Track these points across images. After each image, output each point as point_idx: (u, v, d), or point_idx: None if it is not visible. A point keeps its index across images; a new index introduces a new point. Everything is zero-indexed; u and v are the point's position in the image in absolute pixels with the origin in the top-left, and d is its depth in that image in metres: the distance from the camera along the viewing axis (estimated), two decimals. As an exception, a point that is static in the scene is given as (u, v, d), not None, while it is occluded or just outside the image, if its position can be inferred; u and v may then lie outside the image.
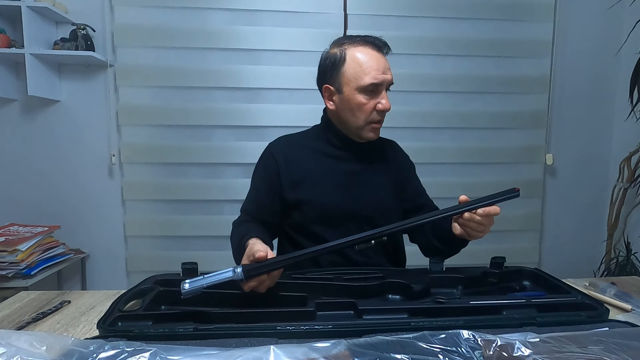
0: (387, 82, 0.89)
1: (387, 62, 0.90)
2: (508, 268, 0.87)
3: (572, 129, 1.99)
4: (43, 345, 0.44)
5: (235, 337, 0.57)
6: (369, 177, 0.96)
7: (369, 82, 0.86)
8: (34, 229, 1.62)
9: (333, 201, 0.93)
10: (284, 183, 0.94)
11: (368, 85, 0.87)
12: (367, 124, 0.91)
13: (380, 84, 0.88)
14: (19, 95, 1.74)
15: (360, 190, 0.95)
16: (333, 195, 0.94)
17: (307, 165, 0.95)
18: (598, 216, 2.04)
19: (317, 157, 0.97)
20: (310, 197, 0.93)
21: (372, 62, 0.87)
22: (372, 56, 0.88)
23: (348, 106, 0.90)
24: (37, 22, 1.62)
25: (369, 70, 0.87)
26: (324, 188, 0.94)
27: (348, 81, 0.88)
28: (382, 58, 0.89)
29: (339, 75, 0.89)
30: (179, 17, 1.76)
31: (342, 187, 0.94)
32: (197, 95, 1.81)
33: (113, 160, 1.78)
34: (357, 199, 0.94)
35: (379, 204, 0.96)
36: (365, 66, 0.87)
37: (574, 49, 1.94)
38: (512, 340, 0.49)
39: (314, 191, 0.93)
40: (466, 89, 1.90)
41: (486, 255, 0.97)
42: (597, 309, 0.67)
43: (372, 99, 0.89)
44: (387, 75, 0.88)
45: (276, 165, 0.95)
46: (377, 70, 0.87)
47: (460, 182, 1.93)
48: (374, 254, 0.96)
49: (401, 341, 0.49)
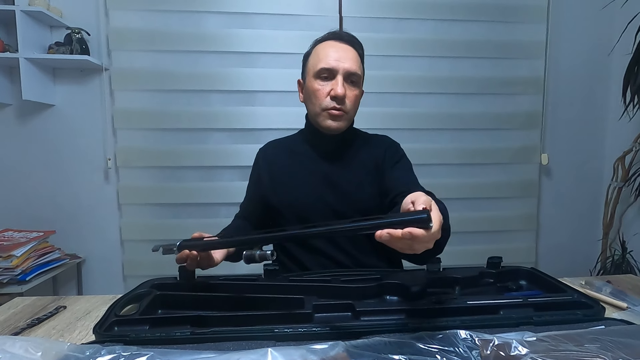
0: (341, 69, 0.88)
1: (353, 55, 0.90)
2: (505, 268, 0.87)
3: (566, 129, 2.01)
4: (39, 350, 0.43)
5: (233, 340, 0.57)
6: (345, 175, 0.95)
7: (321, 66, 0.88)
8: (29, 234, 1.61)
9: (309, 202, 0.94)
10: (266, 186, 0.98)
11: (320, 70, 0.89)
12: (323, 111, 0.90)
13: (333, 69, 0.88)
14: (14, 99, 1.73)
15: (336, 189, 0.94)
16: (308, 196, 0.94)
17: (284, 167, 0.98)
18: (593, 215, 2.05)
19: (294, 159, 0.99)
20: (287, 198, 0.95)
21: (328, 51, 0.89)
22: (331, 46, 0.90)
23: (307, 94, 0.93)
24: (32, 26, 1.62)
25: (324, 57, 0.89)
26: (299, 189, 0.95)
27: (309, 71, 0.92)
28: (342, 49, 0.90)
29: (305, 68, 0.95)
30: (174, 21, 1.76)
31: (316, 187, 0.94)
32: (193, 98, 1.80)
33: (109, 164, 1.78)
34: (333, 198, 0.93)
35: (357, 203, 0.93)
36: (322, 54, 0.90)
37: (567, 50, 1.96)
38: (509, 339, 0.49)
39: (291, 193, 0.95)
40: (461, 91, 1.91)
41: (482, 255, 0.98)
42: (593, 308, 0.67)
43: (327, 85, 0.89)
44: (342, 62, 0.88)
45: (258, 169, 1.02)
46: (331, 57, 0.88)
47: (456, 182, 1.94)
48: (362, 256, 0.95)
49: (399, 342, 0.49)
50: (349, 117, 0.93)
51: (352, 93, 0.91)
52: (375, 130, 1.07)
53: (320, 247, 0.94)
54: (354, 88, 0.91)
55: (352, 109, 0.92)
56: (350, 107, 0.91)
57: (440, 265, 0.85)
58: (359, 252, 0.95)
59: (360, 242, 0.95)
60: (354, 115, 0.95)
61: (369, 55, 1.00)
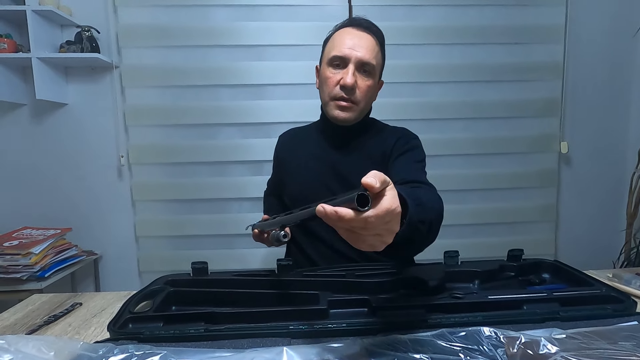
0: (354, 57, 0.85)
1: (370, 43, 0.87)
2: (526, 261, 0.84)
3: (587, 115, 1.93)
4: (51, 350, 0.43)
5: (247, 337, 0.56)
6: (352, 165, 0.93)
7: (333, 54, 0.86)
8: (47, 232, 1.63)
9: (314, 190, 0.93)
10: (281, 171, 1.03)
11: (332, 57, 0.87)
12: (331, 100, 0.88)
13: (345, 57, 0.85)
14: (28, 99, 1.75)
15: (343, 178, 0.93)
16: (313, 184, 0.94)
17: (295, 154, 1.00)
18: (616, 205, 1.98)
19: (305, 147, 0.99)
20: (294, 185, 0.97)
21: (344, 38, 0.87)
22: (348, 33, 0.87)
23: (320, 81, 0.92)
24: (43, 25, 1.63)
25: (338, 44, 0.87)
26: (306, 176, 0.96)
27: (324, 57, 0.91)
28: (358, 36, 0.86)
29: (322, 54, 0.94)
30: (182, 16, 1.75)
31: (323, 175, 0.94)
32: (203, 93, 1.80)
33: (122, 162, 1.79)
34: (338, 188, 0.92)
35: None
36: (337, 42, 0.87)
37: (587, 33, 1.88)
38: (537, 337, 0.46)
39: (298, 180, 0.97)
40: (477, 78, 1.85)
41: (499, 248, 0.94)
42: (624, 302, 0.64)
43: (338, 73, 0.87)
44: (355, 51, 0.85)
45: (277, 153, 1.07)
46: (345, 45, 0.86)
47: (473, 173, 1.88)
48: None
49: (419, 339, 0.47)
50: (360, 109, 0.89)
51: (365, 83, 0.87)
52: (388, 122, 1.04)
53: (323, 236, 0.93)
54: (366, 78, 0.87)
55: (363, 99, 0.88)
56: (361, 97, 0.87)
57: (459, 258, 0.82)
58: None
59: None
60: (366, 107, 0.91)
61: (380, 44, 0.97)
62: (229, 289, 0.74)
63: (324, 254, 0.94)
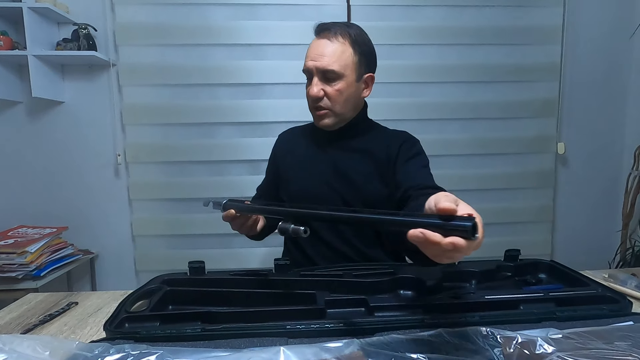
0: (315, 68, 0.85)
1: (331, 49, 0.85)
2: (523, 261, 0.84)
3: (584, 116, 1.94)
4: (47, 350, 0.42)
5: (244, 337, 0.56)
6: (356, 167, 0.93)
7: (303, 69, 0.90)
8: (43, 231, 1.62)
9: (315, 190, 0.93)
10: (280, 171, 1.02)
11: (304, 72, 0.90)
12: (311, 110, 0.92)
13: (309, 70, 0.88)
14: (24, 97, 1.74)
15: (344, 180, 0.93)
16: (315, 185, 0.94)
17: (296, 155, 1.00)
18: (612, 206, 1.99)
19: (307, 147, 0.99)
20: (295, 186, 0.97)
21: (308, 51, 0.89)
22: (312, 45, 0.89)
23: None
24: (39, 23, 1.61)
25: (305, 57, 0.89)
26: (308, 178, 0.95)
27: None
28: (320, 45, 0.87)
29: None
30: (180, 14, 1.74)
31: (325, 177, 0.94)
32: (201, 92, 1.79)
33: (119, 160, 1.78)
34: (340, 189, 0.92)
35: (364, 194, 0.92)
36: (306, 54, 0.90)
37: (585, 34, 1.89)
38: (534, 336, 0.46)
39: (299, 180, 0.97)
40: (474, 79, 1.85)
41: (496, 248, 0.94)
42: (619, 302, 0.64)
43: (309, 85, 0.89)
44: (315, 61, 0.86)
45: (275, 154, 1.06)
46: (308, 57, 0.88)
47: (470, 174, 1.89)
48: (366, 248, 0.93)
49: (416, 339, 0.47)
50: (336, 113, 0.90)
51: (333, 89, 0.87)
52: (385, 122, 1.04)
53: (325, 237, 0.93)
54: (333, 84, 0.87)
55: (336, 104, 0.89)
56: (332, 103, 0.89)
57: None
58: (365, 244, 0.94)
59: (365, 234, 0.94)
60: (343, 109, 0.90)
61: (377, 45, 0.96)
62: (226, 288, 0.74)
63: (325, 255, 0.93)
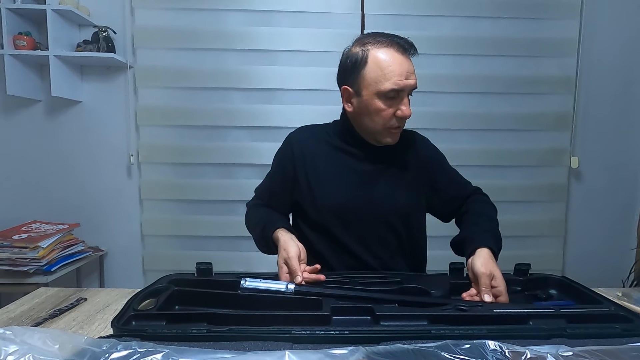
0: (409, 87, 0.83)
1: (412, 65, 0.85)
2: (533, 275, 0.83)
3: (598, 130, 1.91)
4: (56, 343, 0.43)
5: (249, 339, 0.55)
6: (386, 177, 0.93)
7: (389, 87, 0.81)
8: (55, 227, 1.66)
9: (346, 201, 0.91)
10: (299, 178, 0.94)
11: (389, 92, 0.82)
12: (385, 130, 0.87)
13: (402, 89, 0.82)
14: (43, 96, 1.79)
15: (376, 190, 0.92)
16: (346, 195, 0.91)
17: (323, 162, 0.94)
18: (627, 222, 1.94)
19: (333, 155, 0.95)
20: (323, 195, 0.92)
21: (394, 66, 0.81)
22: (395, 59, 0.82)
23: (366, 111, 0.86)
24: (61, 24, 1.66)
25: (391, 75, 0.81)
26: (339, 187, 0.92)
27: (368, 85, 0.84)
28: (406, 61, 0.83)
29: (358, 77, 0.85)
30: (197, 19, 1.78)
31: (356, 187, 0.92)
32: (214, 96, 1.82)
33: (131, 160, 1.81)
34: (372, 199, 0.91)
35: (396, 205, 0.92)
36: (387, 70, 0.81)
37: (601, 48, 1.86)
38: (543, 353, 0.45)
39: (328, 190, 0.92)
40: (488, 90, 1.84)
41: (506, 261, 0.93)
42: (633, 322, 0.62)
43: (392, 105, 0.84)
44: (409, 80, 0.83)
45: (293, 158, 0.95)
46: (399, 75, 0.81)
47: (481, 185, 1.82)
48: (389, 258, 0.93)
49: (422, 350, 0.47)
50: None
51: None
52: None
53: (349, 247, 0.92)
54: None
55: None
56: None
57: (464, 270, 0.81)
58: (388, 254, 0.93)
59: (389, 244, 0.93)
60: None
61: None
62: (232, 290, 0.74)
63: (347, 264, 0.92)
